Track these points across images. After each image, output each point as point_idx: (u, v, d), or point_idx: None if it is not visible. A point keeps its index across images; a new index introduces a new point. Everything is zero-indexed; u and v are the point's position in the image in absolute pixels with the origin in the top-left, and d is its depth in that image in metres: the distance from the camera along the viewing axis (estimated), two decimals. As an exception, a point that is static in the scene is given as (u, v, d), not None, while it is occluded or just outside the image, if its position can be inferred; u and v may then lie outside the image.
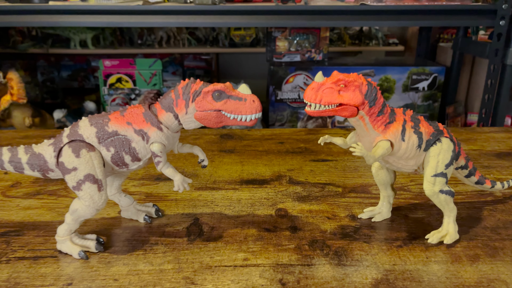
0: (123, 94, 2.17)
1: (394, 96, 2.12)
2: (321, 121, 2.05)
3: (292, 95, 2.11)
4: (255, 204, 0.79)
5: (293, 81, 2.10)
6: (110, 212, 0.77)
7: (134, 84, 2.21)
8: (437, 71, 2.10)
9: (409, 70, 2.09)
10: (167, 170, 0.63)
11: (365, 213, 0.75)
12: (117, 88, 2.20)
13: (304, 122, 2.06)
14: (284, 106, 2.13)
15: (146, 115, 0.62)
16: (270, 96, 2.13)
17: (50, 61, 2.95)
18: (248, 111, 0.60)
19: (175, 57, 2.90)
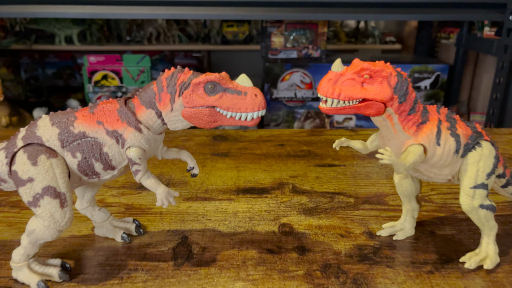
0: (109, 92, 2.04)
1: (396, 95, 2.01)
2: (319, 121, 1.94)
3: (288, 93, 2.00)
4: (254, 218, 0.68)
5: (289, 79, 1.98)
6: (81, 228, 0.65)
7: (121, 81, 2.08)
8: (440, 69, 2.00)
9: (410, 68, 1.98)
10: (148, 181, 0.51)
11: (385, 230, 0.63)
12: (102, 85, 2.07)
13: (301, 122, 1.95)
14: (279, 105, 2.02)
15: (121, 113, 0.50)
16: (265, 95, 2.01)
17: (34, 58, 2.81)
18: (249, 108, 0.48)
19: (165, 54, 2.77)
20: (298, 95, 2.00)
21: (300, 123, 1.95)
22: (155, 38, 2.50)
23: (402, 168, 0.50)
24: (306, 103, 2.00)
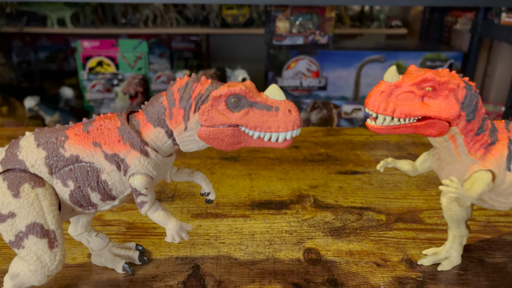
0: (104, 80, 1.93)
1: (406, 84, 1.92)
2: (326, 112, 1.85)
3: (293, 82, 1.90)
4: (274, 241, 0.59)
5: (294, 67, 1.88)
6: (76, 255, 0.56)
7: (117, 68, 1.97)
8: (453, 57, 1.90)
9: (423, 56, 1.88)
10: (156, 214, 0.42)
11: (428, 258, 0.55)
12: (97, 72, 1.96)
13: (308, 113, 1.86)
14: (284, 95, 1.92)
15: (123, 132, 0.41)
16: (270, 83, 1.91)
17: (25, 41, 2.68)
18: (281, 127, 0.39)
19: (162, 38, 2.65)
20: (304, 84, 1.90)
21: (306, 114, 1.86)
22: (151, 21, 2.38)
23: (469, 201, 0.41)
24: (312, 92, 1.91)
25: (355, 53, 1.89)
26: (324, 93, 1.92)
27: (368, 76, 1.89)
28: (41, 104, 1.76)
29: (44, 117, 1.73)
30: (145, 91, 1.97)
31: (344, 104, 1.89)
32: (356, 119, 1.89)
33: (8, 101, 1.65)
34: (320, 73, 1.89)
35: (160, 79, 1.95)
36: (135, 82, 1.89)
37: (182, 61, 2.80)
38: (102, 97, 1.90)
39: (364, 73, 1.89)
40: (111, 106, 1.92)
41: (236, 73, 1.77)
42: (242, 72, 1.77)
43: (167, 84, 1.96)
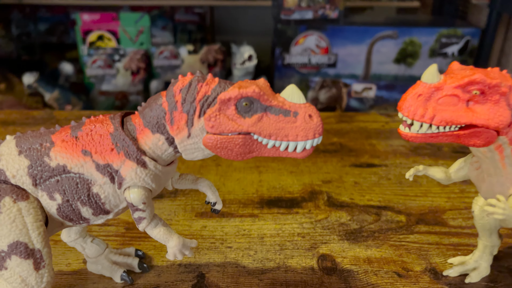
0: (105, 55, 1.86)
1: (419, 62, 1.84)
2: (335, 91, 1.78)
3: (301, 59, 1.82)
4: (285, 246, 0.54)
5: (303, 43, 1.80)
6: (70, 260, 0.51)
7: (118, 42, 1.90)
8: (470, 33, 1.81)
9: (438, 32, 1.79)
10: (156, 230, 0.37)
11: (454, 269, 0.50)
12: (98, 47, 1.89)
13: (316, 91, 1.79)
14: (291, 72, 1.85)
15: (116, 139, 0.35)
16: (277, 60, 1.84)
17: (25, 12, 2.60)
18: (300, 135, 0.34)
19: (165, 10, 2.55)
20: (313, 61, 1.82)
21: (315, 93, 1.79)
22: (154, -8, 2.28)
23: (514, 221, 0.36)
24: (321, 70, 1.83)
25: (367, 28, 1.81)
26: (334, 70, 1.84)
27: (379, 53, 1.81)
28: (40, 81, 1.70)
29: (44, 94, 1.68)
30: (148, 67, 1.90)
31: (354, 83, 1.82)
32: (367, 99, 1.82)
33: (6, 78, 1.59)
34: (330, 49, 1.81)
35: (163, 54, 1.88)
36: (137, 58, 1.82)
37: (186, 34, 2.71)
38: (103, 73, 1.83)
39: (376, 50, 1.81)
40: (112, 82, 1.86)
41: (242, 50, 1.70)
42: (248, 49, 1.69)
43: (170, 59, 1.89)
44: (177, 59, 1.87)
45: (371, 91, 1.80)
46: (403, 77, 1.88)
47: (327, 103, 1.80)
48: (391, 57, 1.85)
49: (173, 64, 1.90)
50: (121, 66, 1.85)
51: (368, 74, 1.86)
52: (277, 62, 1.85)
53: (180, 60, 1.87)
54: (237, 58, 1.71)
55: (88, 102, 1.80)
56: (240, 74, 1.76)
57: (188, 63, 1.93)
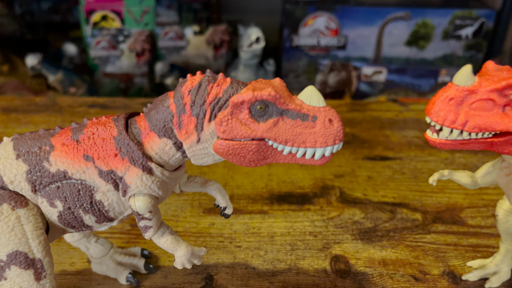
0: (109, 36, 1.82)
1: (431, 44, 1.79)
2: (344, 74, 1.74)
3: (310, 41, 1.77)
4: (297, 246, 0.52)
5: (312, 24, 1.75)
6: (75, 259, 0.50)
7: (122, 23, 1.85)
8: (485, 15, 1.75)
9: (452, 14, 1.74)
10: (163, 239, 0.35)
11: (474, 273, 0.48)
12: (102, 28, 1.85)
13: (325, 75, 1.75)
14: (300, 54, 1.80)
15: (120, 143, 0.33)
16: (285, 42, 1.79)
17: (26, -10, 2.55)
18: (319, 141, 0.31)
19: (170, -12, 2.50)
20: (322, 43, 1.77)
21: (324, 76, 1.75)
22: (159, -30, 2.22)
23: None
24: (330, 52, 1.79)
25: (378, 9, 1.75)
26: (343, 53, 1.79)
27: (391, 35, 1.76)
28: (44, 62, 1.67)
29: (47, 76, 1.65)
30: (152, 48, 1.86)
31: (364, 66, 1.78)
32: (377, 83, 1.78)
33: (9, 59, 1.56)
34: (340, 31, 1.76)
35: (168, 35, 1.84)
36: (142, 39, 1.78)
37: (191, 13, 2.66)
38: (107, 55, 1.80)
39: (387, 32, 1.75)
40: (116, 64, 1.82)
41: (249, 32, 1.65)
42: (255, 31, 1.65)
43: (175, 41, 1.85)
44: (183, 40, 1.83)
45: (381, 75, 1.76)
46: (414, 60, 1.83)
47: (336, 87, 1.76)
48: (403, 40, 1.80)
49: (178, 45, 1.86)
50: (126, 47, 1.81)
51: (379, 57, 1.81)
52: (285, 43, 1.80)
53: (185, 41, 1.83)
54: (244, 40, 1.67)
55: (92, 84, 1.77)
56: (247, 57, 1.72)
57: (193, 44, 1.88)
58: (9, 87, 1.52)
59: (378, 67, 1.77)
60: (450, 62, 1.89)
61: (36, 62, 1.64)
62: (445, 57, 1.83)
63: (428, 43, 1.80)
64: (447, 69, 1.78)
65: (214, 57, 1.71)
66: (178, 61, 1.78)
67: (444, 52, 1.84)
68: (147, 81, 1.83)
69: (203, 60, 1.78)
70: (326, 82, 1.77)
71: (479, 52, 1.83)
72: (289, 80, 1.75)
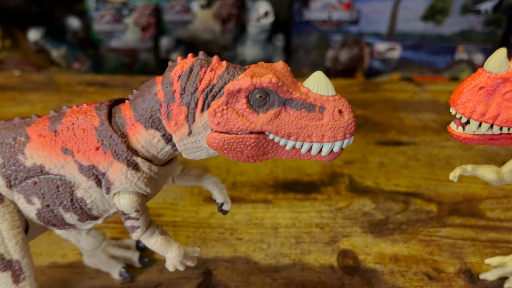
0: (113, 9, 1.77)
1: (449, 19, 1.71)
2: (357, 50, 1.67)
3: (322, 15, 1.70)
4: (302, 239, 0.49)
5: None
6: (66, 250, 0.47)
7: (128, -4, 1.80)
8: (506, -12, 1.66)
9: (471, -14, 1.65)
10: (152, 240, 0.32)
11: (492, 272, 0.45)
12: (106, 1, 1.79)
13: (337, 50, 1.69)
14: (310, 29, 1.73)
15: (102, 135, 0.29)
16: (295, 16, 1.72)
17: (30, -39, 2.49)
18: (326, 135, 0.27)
19: (177, -41, 2.42)
20: (334, 17, 1.71)
21: (335, 52, 1.69)
22: None
23: None
24: (342, 27, 1.72)
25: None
26: (356, 28, 1.72)
27: (406, 10, 1.68)
28: (47, 37, 1.63)
29: (51, 51, 1.61)
30: (158, 23, 1.81)
31: (377, 42, 1.71)
32: (390, 60, 1.71)
33: (11, 34, 1.52)
34: (353, 5, 1.68)
35: (174, 9, 1.78)
36: (147, 14, 1.73)
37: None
38: (112, 29, 1.75)
39: (403, 6, 1.68)
40: (121, 38, 1.78)
41: (258, 6, 1.59)
42: (264, 5, 1.58)
43: (181, 15, 1.79)
44: (189, 14, 1.77)
45: (395, 52, 1.69)
46: (430, 36, 1.75)
47: (348, 63, 1.70)
48: (419, 14, 1.73)
49: (184, 20, 1.80)
50: (131, 21, 1.76)
51: (393, 32, 1.74)
52: (295, 18, 1.73)
53: (192, 15, 1.77)
54: (252, 14, 1.61)
55: (96, 60, 1.73)
56: (255, 32, 1.66)
57: (200, 19, 1.82)
58: (11, 63, 1.48)
59: (392, 43, 1.71)
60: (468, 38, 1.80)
61: (38, 37, 1.60)
62: (463, 32, 1.75)
63: (445, 18, 1.72)
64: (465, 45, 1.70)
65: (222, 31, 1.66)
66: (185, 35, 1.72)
67: (461, 28, 1.76)
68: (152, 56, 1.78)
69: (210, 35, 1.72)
70: (337, 59, 1.71)
71: (498, 27, 1.75)
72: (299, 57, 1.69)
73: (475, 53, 1.65)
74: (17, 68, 1.48)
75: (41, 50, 1.62)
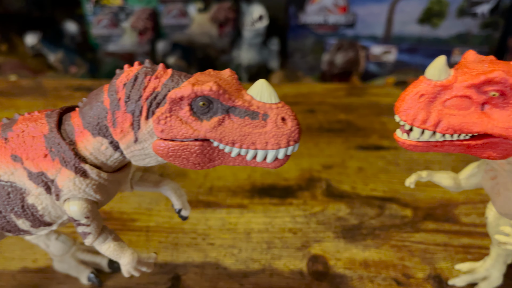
0: (110, 14, 1.78)
1: (445, 22, 1.70)
2: (352, 54, 1.67)
3: (317, 18, 1.70)
4: (274, 244, 0.49)
5: (320, 1, 1.68)
6: (38, 255, 0.47)
7: (125, 0, 1.81)
8: (503, -9, 1.66)
9: (468, -10, 1.65)
10: (105, 246, 0.32)
11: (461, 278, 0.44)
12: (104, 5, 1.81)
13: (333, 54, 1.68)
14: (306, 33, 1.74)
15: (50, 143, 0.29)
16: (291, 19, 1.73)
17: (31, -34, 2.51)
18: (270, 142, 0.27)
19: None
20: (330, 21, 1.71)
21: (331, 56, 1.69)
22: None
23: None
24: (338, 31, 1.72)
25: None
26: (352, 31, 1.72)
27: (403, 13, 1.68)
28: (44, 41, 1.64)
29: (48, 55, 1.62)
30: (155, 27, 1.82)
31: (373, 45, 1.71)
32: (386, 63, 1.71)
33: (8, 38, 1.53)
34: (348, 8, 1.68)
35: (171, 13, 1.79)
36: (144, 18, 1.74)
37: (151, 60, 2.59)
38: (109, 33, 1.77)
39: (399, 9, 1.67)
40: (118, 42, 1.79)
41: (252, 10, 1.59)
42: (258, 9, 1.59)
43: (178, 19, 1.80)
44: (186, 18, 1.78)
45: (391, 55, 1.69)
46: (427, 39, 1.75)
47: (344, 67, 1.70)
48: (415, 17, 1.72)
49: (182, 23, 1.81)
50: (128, 25, 1.77)
51: (389, 36, 1.74)
52: (291, 21, 1.74)
53: (188, 19, 1.78)
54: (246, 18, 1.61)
55: (93, 64, 1.74)
56: (250, 36, 1.67)
57: (197, 22, 1.83)
58: (8, 67, 1.50)
59: (388, 46, 1.70)
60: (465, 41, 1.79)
61: (36, 41, 1.62)
62: (460, 35, 1.75)
63: (441, 21, 1.72)
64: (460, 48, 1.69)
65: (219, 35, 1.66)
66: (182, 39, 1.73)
67: (458, 31, 1.75)
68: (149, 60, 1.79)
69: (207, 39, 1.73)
70: (333, 62, 1.71)
71: (495, 30, 1.74)
72: (296, 60, 1.70)
73: (471, 56, 1.63)
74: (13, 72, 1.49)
75: (38, 54, 1.63)
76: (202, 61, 1.54)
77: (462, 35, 1.75)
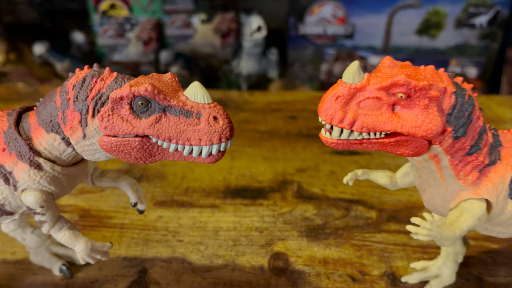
0: (116, 24, 1.84)
1: (443, 33, 1.72)
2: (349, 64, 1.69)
3: (317, 29, 1.73)
4: (239, 241, 0.52)
5: (319, 12, 1.71)
6: (17, 248, 0.51)
7: (130, 11, 1.87)
8: (500, 2, 1.67)
9: (465, 1, 1.66)
10: (60, 234, 0.35)
11: (414, 275, 0.46)
12: (110, 16, 1.86)
13: (331, 64, 1.71)
14: (306, 43, 1.77)
15: (8, 138, 0.33)
16: (290, 30, 1.76)
17: (44, -21, 2.59)
18: (203, 139, 0.30)
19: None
20: (329, 32, 1.74)
21: (329, 66, 1.71)
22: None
23: (449, 242, 0.31)
24: (337, 41, 1.75)
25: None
26: (351, 42, 1.75)
27: (400, 24, 1.70)
28: (51, 50, 1.70)
29: (55, 64, 1.68)
30: (160, 37, 1.87)
31: (371, 56, 1.73)
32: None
33: (16, 47, 1.60)
34: (347, 19, 1.71)
35: (176, 24, 1.84)
36: (148, 28, 1.79)
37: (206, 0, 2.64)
38: (115, 43, 1.82)
39: (397, 21, 1.70)
40: (124, 52, 1.84)
41: (251, 20, 1.63)
42: (256, 20, 1.63)
43: (182, 29, 1.85)
44: (190, 29, 1.83)
45: (388, 65, 1.70)
46: (425, 50, 1.76)
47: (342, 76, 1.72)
48: (413, 28, 1.74)
49: (185, 34, 1.86)
50: (133, 35, 1.83)
51: (388, 46, 1.76)
52: (291, 32, 1.77)
53: (192, 30, 1.83)
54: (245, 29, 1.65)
55: (98, 73, 1.80)
56: (249, 46, 1.70)
57: (201, 33, 1.88)
58: (15, 75, 1.56)
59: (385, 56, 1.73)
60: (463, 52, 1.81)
61: (43, 51, 1.68)
62: (458, 46, 1.76)
63: (439, 32, 1.73)
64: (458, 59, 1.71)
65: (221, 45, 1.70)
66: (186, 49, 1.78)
67: (456, 42, 1.76)
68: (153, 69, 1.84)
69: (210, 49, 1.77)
70: (331, 72, 1.74)
71: (494, 41, 1.75)
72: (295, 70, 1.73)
73: (468, 67, 1.66)
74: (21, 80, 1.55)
75: (45, 63, 1.69)
76: (204, 70, 1.58)
77: (460, 46, 1.77)
